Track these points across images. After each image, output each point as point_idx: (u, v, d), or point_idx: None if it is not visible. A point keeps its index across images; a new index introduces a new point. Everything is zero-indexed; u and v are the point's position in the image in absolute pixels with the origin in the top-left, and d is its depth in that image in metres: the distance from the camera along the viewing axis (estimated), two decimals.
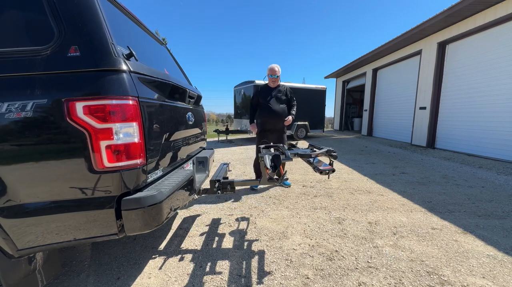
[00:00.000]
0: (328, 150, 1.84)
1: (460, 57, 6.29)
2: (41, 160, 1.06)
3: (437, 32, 6.74)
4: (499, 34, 5.33)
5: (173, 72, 2.12)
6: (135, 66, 1.23)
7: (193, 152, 2.21)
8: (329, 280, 1.59)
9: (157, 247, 2.01)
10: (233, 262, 1.79)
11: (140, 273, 1.69)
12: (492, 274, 1.62)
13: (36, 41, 1.09)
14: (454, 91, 6.46)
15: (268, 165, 1.84)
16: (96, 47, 1.11)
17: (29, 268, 1.17)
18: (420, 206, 2.81)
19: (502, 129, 5.20)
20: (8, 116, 1.01)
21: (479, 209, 2.70)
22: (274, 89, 3.27)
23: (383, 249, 1.93)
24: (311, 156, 1.85)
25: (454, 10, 5.53)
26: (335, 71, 13.44)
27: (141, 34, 1.83)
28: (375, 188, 3.47)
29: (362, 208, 2.75)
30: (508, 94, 5.11)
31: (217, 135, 10.21)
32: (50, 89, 1.05)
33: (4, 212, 1.04)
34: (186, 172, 1.65)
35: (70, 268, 1.74)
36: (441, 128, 6.86)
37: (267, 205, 2.86)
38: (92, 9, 1.14)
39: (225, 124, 18.43)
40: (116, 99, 1.09)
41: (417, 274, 1.63)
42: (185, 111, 1.93)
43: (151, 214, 1.16)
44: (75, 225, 1.12)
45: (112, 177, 1.11)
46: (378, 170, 4.55)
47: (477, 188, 3.48)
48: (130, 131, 1.14)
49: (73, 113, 1.04)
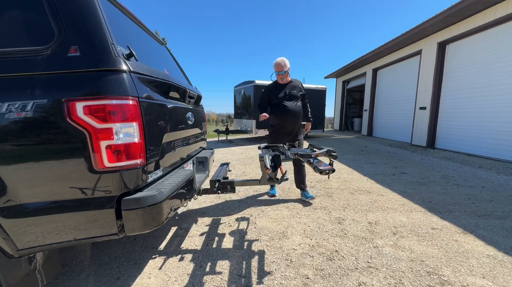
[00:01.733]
0: (328, 150, 1.84)
1: (460, 57, 6.29)
2: (41, 160, 1.06)
3: (437, 32, 6.74)
4: (499, 34, 5.33)
5: (173, 72, 2.12)
6: (135, 66, 1.23)
7: (193, 152, 2.21)
8: (329, 280, 1.58)
9: (157, 247, 2.01)
10: (233, 262, 1.79)
11: (140, 273, 1.69)
12: (492, 274, 1.62)
13: (36, 41, 1.09)
14: (454, 91, 6.46)
15: (268, 165, 1.84)
16: (96, 47, 1.11)
17: (29, 268, 1.17)
18: (420, 206, 2.81)
19: (502, 129, 5.20)
20: (8, 116, 1.01)
21: (479, 209, 2.70)
22: (286, 85, 2.86)
23: (383, 249, 1.93)
24: (311, 156, 1.85)
25: (454, 10, 5.53)
26: (335, 71, 13.44)
27: (141, 34, 1.83)
28: (375, 188, 3.47)
29: (362, 208, 2.75)
30: (508, 94, 5.11)
31: (217, 135, 10.22)
32: (50, 89, 1.05)
33: (4, 212, 1.04)
34: (186, 172, 1.65)
35: (70, 268, 1.74)
36: (441, 128, 6.86)
37: (267, 205, 2.86)
38: (92, 9, 1.14)
39: (225, 124, 18.43)
40: (116, 99, 1.09)
41: (417, 274, 1.63)
42: (185, 111, 1.93)
43: (151, 214, 1.16)
44: (75, 225, 1.12)
45: (112, 177, 1.11)
46: (378, 170, 4.55)
47: (477, 188, 3.48)
48: (130, 131, 1.14)
49: (73, 113, 1.04)
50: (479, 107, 5.75)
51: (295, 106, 2.83)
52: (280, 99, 2.80)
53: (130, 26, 1.67)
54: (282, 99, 2.80)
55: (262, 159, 1.90)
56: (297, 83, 2.92)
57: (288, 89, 2.84)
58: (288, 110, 2.79)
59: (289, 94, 2.82)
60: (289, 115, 2.80)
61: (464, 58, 6.16)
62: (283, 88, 2.84)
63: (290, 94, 2.82)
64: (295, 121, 2.85)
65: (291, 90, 2.84)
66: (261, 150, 2.13)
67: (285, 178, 2.03)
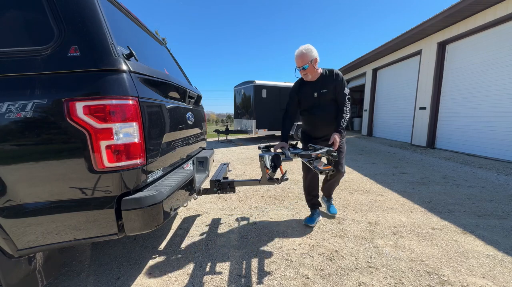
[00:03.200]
0: (328, 150, 1.84)
1: (460, 57, 6.29)
2: (41, 160, 1.06)
3: (437, 32, 6.74)
4: (499, 34, 5.33)
5: (173, 72, 2.12)
6: (135, 66, 1.23)
7: (193, 152, 2.21)
8: (329, 280, 1.58)
9: (157, 247, 2.01)
10: (233, 262, 1.79)
11: (140, 273, 1.69)
12: (492, 274, 1.62)
13: (36, 41, 1.08)
14: (454, 91, 6.46)
15: (268, 165, 1.85)
16: (96, 47, 1.11)
17: (29, 268, 1.17)
18: (420, 206, 2.81)
19: (502, 129, 5.19)
20: (8, 116, 1.01)
21: (479, 209, 2.70)
22: (314, 83, 2.12)
23: (383, 249, 1.93)
24: (311, 156, 1.84)
25: (454, 10, 5.53)
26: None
27: (141, 34, 1.83)
28: (375, 188, 3.47)
29: (362, 208, 2.75)
30: (508, 94, 5.11)
31: (217, 135, 10.22)
32: (50, 89, 1.05)
33: (4, 212, 1.04)
34: (186, 172, 1.65)
35: (70, 268, 1.74)
36: (441, 128, 6.86)
37: (267, 205, 2.86)
38: (92, 9, 1.14)
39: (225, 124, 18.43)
40: (116, 99, 1.09)
41: (417, 274, 1.63)
42: (185, 111, 1.93)
43: (151, 214, 1.16)
44: (75, 225, 1.12)
45: (112, 177, 1.11)
46: (378, 170, 4.55)
47: (477, 188, 3.48)
48: (130, 131, 1.14)
49: (73, 113, 1.04)
50: (479, 107, 5.74)
51: (327, 114, 2.14)
52: (308, 104, 2.18)
53: (130, 26, 1.67)
54: (310, 105, 2.17)
55: (262, 159, 1.90)
56: (331, 77, 2.09)
57: (318, 88, 2.10)
58: (317, 120, 2.19)
59: (319, 96, 2.11)
60: (318, 126, 2.22)
61: (464, 58, 6.16)
62: (312, 88, 2.13)
63: (320, 96, 2.11)
64: (324, 131, 2.20)
65: (320, 89, 2.09)
66: (261, 150, 2.13)
67: (285, 178, 2.03)
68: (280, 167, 1.98)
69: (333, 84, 2.08)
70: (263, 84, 9.21)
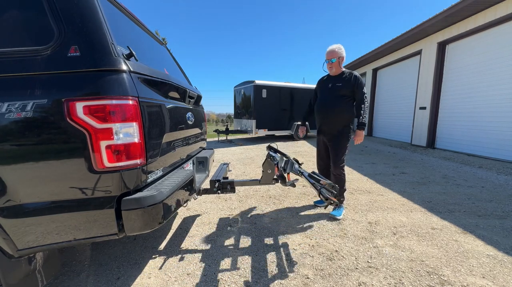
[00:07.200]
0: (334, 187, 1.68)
1: (460, 57, 6.29)
2: (41, 160, 1.06)
3: (437, 32, 6.74)
4: (499, 34, 5.33)
5: (173, 72, 2.12)
6: (135, 66, 1.23)
7: (193, 152, 2.21)
8: (329, 280, 1.59)
9: (157, 247, 2.01)
10: (233, 262, 1.79)
11: (140, 273, 1.69)
12: (492, 274, 1.62)
13: (36, 41, 1.09)
14: (454, 91, 6.46)
15: (282, 165, 1.87)
16: (96, 47, 1.11)
17: (29, 268, 1.17)
18: (420, 206, 2.81)
19: (502, 129, 5.19)
20: (8, 116, 1.01)
21: (479, 209, 2.70)
22: (333, 78, 2.45)
23: (383, 249, 1.93)
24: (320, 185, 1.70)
25: (454, 10, 5.53)
26: None
27: (141, 34, 1.83)
28: (375, 188, 3.47)
29: (362, 208, 2.75)
30: (508, 94, 5.11)
31: (217, 135, 10.22)
32: (50, 89, 1.05)
33: (4, 212, 1.04)
34: (186, 172, 1.65)
35: (70, 268, 1.74)
36: (441, 128, 6.86)
37: (267, 205, 2.86)
38: (92, 9, 1.14)
39: (225, 124, 18.44)
40: (116, 99, 1.09)
41: (417, 274, 1.63)
42: (185, 111, 1.93)
43: (151, 214, 1.16)
44: (75, 225, 1.12)
45: (112, 177, 1.11)
46: (378, 170, 4.55)
47: (477, 188, 3.48)
48: (130, 131, 1.14)
49: (73, 113, 1.04)
50: (479, 107, 5.74)
51: (330, 101, 2.37)
52: (321, 92, 2.46)
53: (130, 26, 1.67)
54: (322, 93, 2.44)
55: (271, 158, 1.92)
56: (350, 77, 2.36)
57: (334, 82, 2.39)
58: (319, 104, 2.43)
59: (332, 87, 2.38)
60: (320, 112, 2.44)
61: (464, 58, 6.16)
62: (330, 81, 2.44)
63: (333, 88, 2.38)
64: (326, 119, 2.42)
65: (335, 82, 2.38)
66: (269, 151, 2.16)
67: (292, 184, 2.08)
68: (287, 174, 2.05)
69: (350, 83, 2.36)
70: (263, 84, 9.20)
